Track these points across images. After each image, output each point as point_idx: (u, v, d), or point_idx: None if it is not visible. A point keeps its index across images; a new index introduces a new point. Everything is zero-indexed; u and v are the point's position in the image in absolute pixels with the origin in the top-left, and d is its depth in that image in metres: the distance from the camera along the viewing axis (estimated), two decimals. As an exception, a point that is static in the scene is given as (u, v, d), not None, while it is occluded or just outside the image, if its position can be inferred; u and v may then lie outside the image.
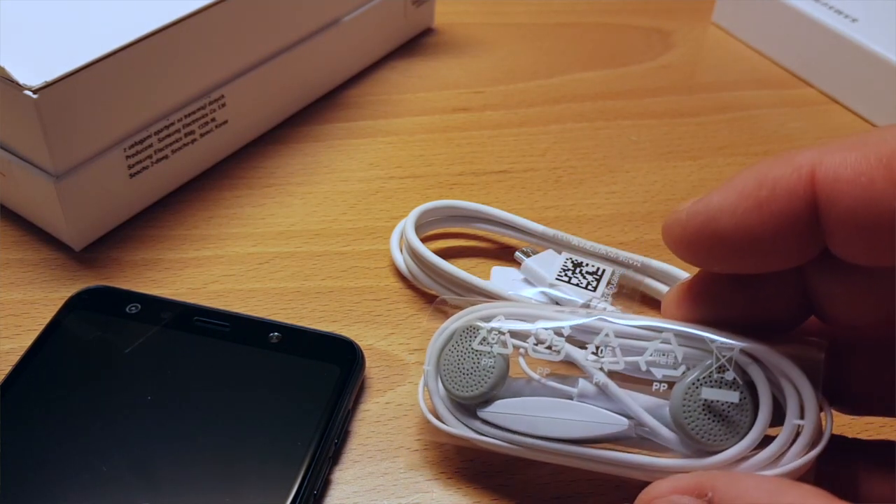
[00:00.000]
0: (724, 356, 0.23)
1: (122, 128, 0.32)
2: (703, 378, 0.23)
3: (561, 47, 0.47)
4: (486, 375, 0.25)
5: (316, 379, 0.27)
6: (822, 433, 0.22)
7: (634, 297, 0.31)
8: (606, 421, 0.24)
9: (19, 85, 0.28)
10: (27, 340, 0.28)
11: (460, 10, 0.50)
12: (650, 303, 0.32)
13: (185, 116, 0.34)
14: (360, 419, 0.28)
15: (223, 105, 0.36)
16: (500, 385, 0.25)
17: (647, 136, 0.41)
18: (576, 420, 0.24)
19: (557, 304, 0.30)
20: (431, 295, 0.32)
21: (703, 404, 0.22)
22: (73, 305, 0.29)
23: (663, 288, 0.31)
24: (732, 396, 0.22)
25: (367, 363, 0.29)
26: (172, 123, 0.34)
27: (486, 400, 0.25)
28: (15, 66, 0.28)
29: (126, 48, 0.30)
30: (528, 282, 0.31)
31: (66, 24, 0.31)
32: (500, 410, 0.25)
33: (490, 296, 0.30)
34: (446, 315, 0.26)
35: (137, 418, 0.26)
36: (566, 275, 0.30)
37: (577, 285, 0.30)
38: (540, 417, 0.24)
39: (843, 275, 0.21)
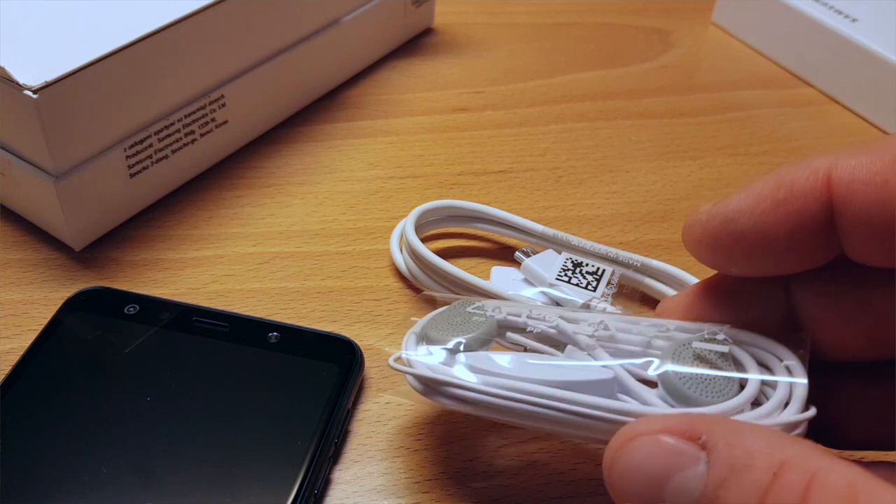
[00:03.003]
0: (713, 328, 0.23)
1: (122, 128, 0.32)
2: (696, 338, 0.22)
3: (561, 47, 0.47)
4: (474, 326, 0.24)
5: (315, 379, 0.27)
6: (810, 407, 0.21)
7: (634, 297, 0.31)
8: (591, 367, 0.22)
9: (19, 85, 0.28)
10: (27, 340, 0.28)
11: (460, 10, 0.50)
12: (650, 303, 0.32)
13: (185, 116, 0.34)
14: (360, 419, 0.28)
15: (223, 105, 0.36)
16: (486, 344, 0.24)
17: (647, 136, 0.41)
18: (559, 364, 0.23)
19: (557, 304, 0.30)
20: (431, 295, 0.32)
21: (694, 356, 0.22)
22: (72, 307, 0.29)
23: (663, 288, 0.31)
24: (723, 348, 0.22)
25: (367, 363, 0.29)
26: (172, 123, 0.34)
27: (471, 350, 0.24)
28: (15, 66, 0.28)
29: (126, 48, 0.30)
30: (528, 282, 0.31)
31: (66, 24, 0.31)
32: (479, 355, 0.23)
33: (490, 296, 0.30)
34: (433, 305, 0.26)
35: (137, 419, 0.26)
36: (566, 275, 0.30)
37: (577, 285, 0.30)
38: (520, 363, 0.23)
39: (831, 299, 0.22)
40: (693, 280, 0.31)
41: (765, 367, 0.22)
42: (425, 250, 0.31)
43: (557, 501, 0.26)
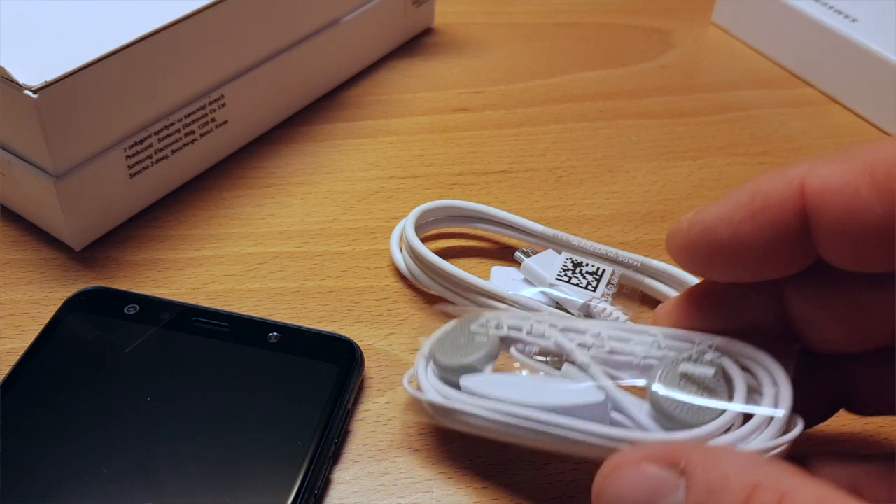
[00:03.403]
0: (703, 343, 0.23)
1: (122, 128, 0.32)
2: (683, 358, 0.23)
3: (561, 47, 0.47)
4: (477, 347, 0.25)
5: (315, 379, 0.27)
6: (797, 423, 0.22)
7: (634, 297, 0.31)
8: (584, 390, 0.24)
9: (19, 85, 0.28)
10: (27, 340, 0.28)
11: (460, 10, 0.50)
12: (650, 302, 0.32)
13: (185, 116, 0.34)
14: (360, 419, 0.28)
15: (223, 105, 0.36)
16: (490, 362, 0.25)
17: (647, 136, 0.41)
18: (554, 388, 0.24)
19: (557, 304, 0.30)
20: (431, 295, 0.32)
21: (681, 378, 0.23)
22: (72, 307, 0.29)
23: (663, 288, 0.31)
24: (708, 371, 0.23)
25: (367, 363, 0.29)
26: (172, 123, 0.34)
27: (474, 372, 0.25)
28: (15, 66, 0.28)
29: (126, 48, 0.30)
30: (528, 282, 0.31)
31: (66, 24, 0.31)
32: (482, 379, 0.25)
33: (490, 296, 0.30)
34: (447, 318, 0.27)
35: (137, 419, 0.26)
36: (566, 275, 0.30)
37: (577, 285, 0.30)
38: (519, 386, 0.24)
39: (822, 301, 0.22)
40: (693, 280, 0.31)
41: (750, 373, 0.23)
42: (425, 250, 0.31)
43: (557, 501, 0.26)
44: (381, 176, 0.38)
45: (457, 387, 0.25)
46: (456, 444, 0.27)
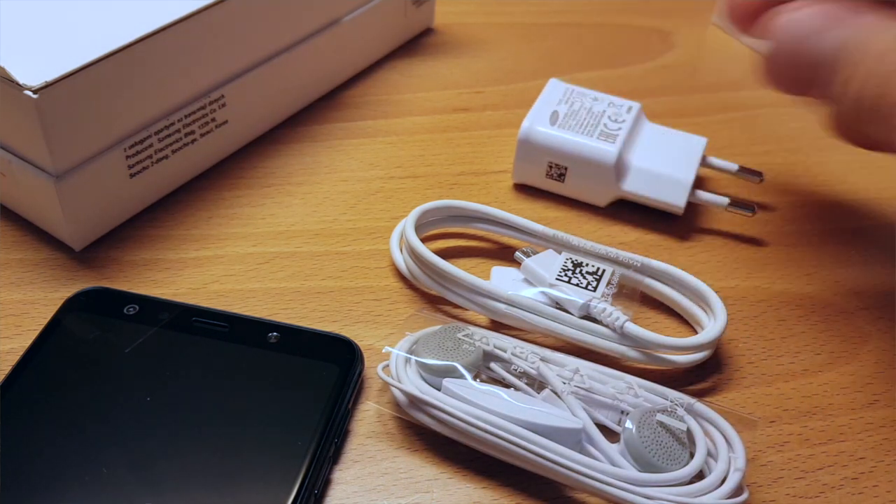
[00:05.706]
0: (676, 400, 0.27)
1: (122, 128, 0.32)
2: (659, 409, 0.26)
3: (561, 47, 0.47)
4: (463, 354, 0.27)
5: (315, 379, 0.27)
6: (744, 490, 0.25)
7: (634, 297, 0.31)
8: (563, 415, 0.26)
9: (19, 85, 0.28)
10: (27, 340, 0.28)
11: (460, 10, 0.50)
12: (650, 303, 0.32)
13: (185, 116, 0.34)
14: (360, 419, 0.28)
15: (223, 105, 0.36)
16: (471, 371, 0.27)
17: (647, 136, 0.41)
18: (533, 407, 0.26)
19: (557, 304, 0.30)
20: (431, 295, 0.32)
21: (657, 425, 0.25)
22: (72, 307, 0.29)
23: (663, 288, 0.31)
24: (682, 426, 0.26)
25: (367, 363, 0.29)
26: (172, 123, 0.34)
27: (456, 376, 0.27)
28: (15, 66, 0.28)
29: (126, 48, 0.30)
30: (528, 282, 0.31)
31: (66, 24, 0.31)
32: (464, 384, 0.26)
33: (490, 296, 0.30)
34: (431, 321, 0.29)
35: (137, 419, 0.26)
36: (566, 275, 0.30)
37: (577, 285, 0.30)
38: (500, 399, 0.26)
39: None
40: (693, 280, 0.31)
41: (709, 437, 0.26)
42: (425, 250, 0.31)
43: (558, 502, 0.26)
44: (381, 176, 0.38)
45: (435, 386, 0.27)
46: (456, 445, 0.27)
